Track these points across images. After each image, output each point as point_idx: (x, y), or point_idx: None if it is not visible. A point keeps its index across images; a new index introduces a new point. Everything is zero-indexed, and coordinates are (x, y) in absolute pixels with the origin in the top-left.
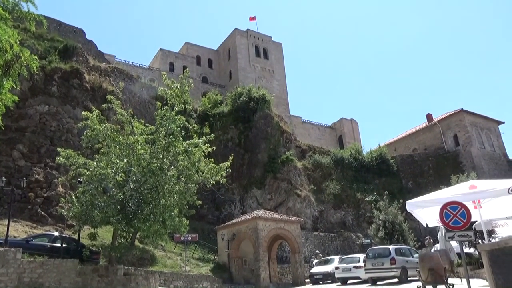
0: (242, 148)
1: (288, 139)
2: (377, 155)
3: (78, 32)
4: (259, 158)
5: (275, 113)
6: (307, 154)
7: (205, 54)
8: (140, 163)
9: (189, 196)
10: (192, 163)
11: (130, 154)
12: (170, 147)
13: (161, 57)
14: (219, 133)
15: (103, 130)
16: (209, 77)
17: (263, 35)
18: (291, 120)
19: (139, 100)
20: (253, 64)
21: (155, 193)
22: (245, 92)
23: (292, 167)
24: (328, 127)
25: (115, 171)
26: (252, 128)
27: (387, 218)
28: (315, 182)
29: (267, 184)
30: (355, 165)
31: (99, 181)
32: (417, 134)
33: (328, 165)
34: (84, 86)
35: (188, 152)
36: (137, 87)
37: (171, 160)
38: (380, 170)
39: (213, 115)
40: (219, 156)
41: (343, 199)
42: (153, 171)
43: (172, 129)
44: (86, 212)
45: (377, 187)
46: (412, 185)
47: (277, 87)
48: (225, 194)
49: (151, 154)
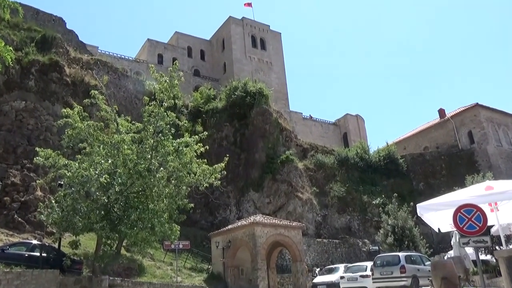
0: (238, 147)
1: (288, 137)
2: (385, 154)
3: (58, 21)
4: (257, 158)
5: (273, 109)
6: (308, 154)
7: (196, 44)
8: (126, 164)
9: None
10: (183, 164)
11: (115, 154)
12: (159, 147)
13: (149, 48)
14: (212, 131)
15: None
16: (201, 69)
17: (260, 23)
18: (291, 116)
19: (125, 95)
20: (249, 55)
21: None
22: (240, 86)
23: (292, 168)
24: (332, 124)
25: (98, 172)
26: (249, 126)
27: (397, 223)
28: (317, 184)
29: (266, 186)
30: (361, 165)
31: (81, 184)
32: (429, 131)
33: (331, 166)
34: (64, 80)
35: (179, 152)
36: (122, 81)
37: (160, 160)
38: (388, 171)
39: (206, 111)
40: (212, 156)
41: (348, 203)
42: (141, 172)
43: (161, 126)
44: (67, 218)
45: (385, 189)
46: (424, 187)
47: (275, 81)
48: (220, 198)
49: (138, 154)
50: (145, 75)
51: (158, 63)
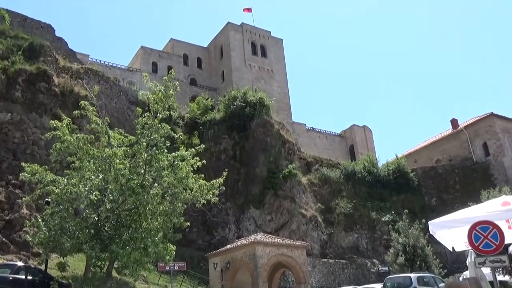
0: (237, 161)
1: (290, 150)
2: (395, 168)
3: (46, 28)
4: (257, 172)
5: (275, 120)
6: (313, 167)
7: (193, 52)
8: (118, 179)
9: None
10: (179, 180)
11: (107, 170)
12: (153, 161)
13: (142, 56)
14: (210, 144)
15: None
16: (198, 78)
17: (260, 29)
18: (294, 128)
19: (117, 106)
20: (249, 63)
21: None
22: (240, 95)
23: (295, 183)
24: (337, 136)
25: (88, 189)
26: (249, 138)
27: (408, 242)
28: (322, 200)
29: (267, 203)
30: (369, 179)
31: (70, 201)
32: (441, 142)
33: (337, 180)
34: (52, 91)
35: (174, 167)
36: (114, 91)
37: (154, 176)
38: (398, 185)
39: (203, 122)
40: (210, 171)
41: (356, 220)
42: (133, 189)
43: (155, 139)
44: (55, 238)
45: (395, 205)
46: (436, 202)
47: (277, 90)
48: (218, 215)
49: (130, 169)
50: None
51: (152, 72)
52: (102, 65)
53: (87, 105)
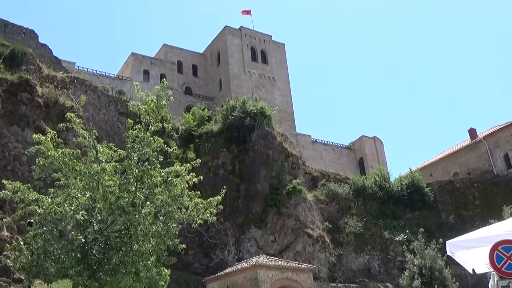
0: (237, 176)
1: (294, 164)
2: (409, 182)
3: (29, 34)
4: (259, 189)
5: (277, 131)
6: (319, 183)
7: (188, 58)
8: (107, 198)
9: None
10: (173, 197)
11: (94, 187)
12: (144, 177)
13: (133, 64)
14: (207, 158)
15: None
16: (193, 87)
17: (260, 33)
18: (298, 139)
19: (106, 118)
20: (248, 70)
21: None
22: (239, 105)
23: (300, 200)
24: (345, 148)
25: (74, 208)
26: (249, 151)
27: (424, 263)
28: (330, 218)
29: (269, 222)
30: (381, 195)
31: (54, 221)
32: (458, 154)
33: (346, 196)
34: (35, 102)
35: (168, 183)
36: (103, 102)
37: (146, 193)
38: (412, 202)
39: (199, 135)
40: (207, 188)
41: (367, 240)
42: (123, 208)
43: (147, 154)
44: (38, 262)
45: (409, 223)
46: (454, 220)
47: (279, 99)
48: (216, 236)
49: (120, 186)
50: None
51: (143, 80)
52: (90, 73)
53: (73, 117)
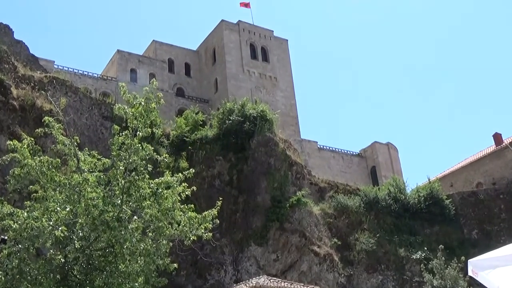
0: (235, 188)
1: (299, 174)
2: (427, 194)
3: (3, 30)
4: (259, 201)
5: (280, 137)
6: (326, 194)
7: (180, 56)
8: (90, 212)
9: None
10: (164, 211)
11: (76, 200)
12: (131, 189)
13: (119, 62)
14: (201, 168)
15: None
16: (186, 88)
17: (261, 28)
18: (303, 146)
19: (88, 122)
20: (247, 69)
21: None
22: (237, 108)
23: (305, 213)
24: (356, 156)
25: (53, 224)
26: (248, 160)
27: (444, 284)
28: (339, 234)
29: (271, 238)
30: (396, 208)
31: (31, 238)
32: (482, 162)
33: (357, 210)
34: (10, 105)
35: (158, 196)
36: (85, 105)
37: (134, 207)
38: (431, 215)
39: (193, 141)
40: (201, 200)
41: (380, 258)
42: (108, 223)
43: (134, 163)
44: (13, 284)
45: (428, 240)
46: (478, 235)
47: (282, 101)
48: (211, 255)
49: (104, 199)
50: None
51: (131, 81)
52: (71, 73)
53: (52, 122)
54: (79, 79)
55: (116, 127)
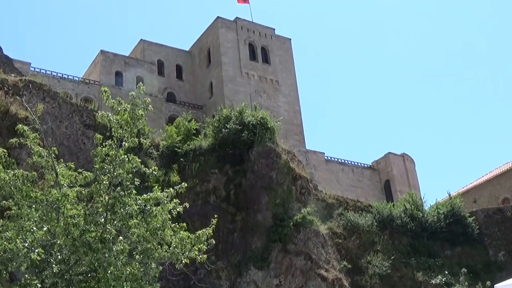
0: (232, 204)
1: (304, 189)
2: (447, 211)
3: None
4: (259, 219)
5: (282, 147)
6: (335, 212)
7: (171, 57)
8: (69, 232)
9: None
10: (152, 231)
11: (54, 218)
12: (116, 206)
13: (103, 64)
14: (194, 182)
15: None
16: (177, 93)
17: (261, 26)
18: (309, 158)
19: (68, 131)
20: (246, 71)
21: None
22: (234, 115)
23: (312, 233)
24: (368, 168)
25: (29, 245)
26: (247, 173)
27: None
28: (349, 257)
29: (273, 261)
30: (413, 227)
31: (3, 262)
32: (508, 175)
33: (369, 229)
34: None
35: (146, 214)
36: (64, 112)
37: (119, 226)
38: (452, 235)
39: (185, 153)
40: (195, 218)
41: (396, 283)
42: (90, 244)
43: (120, 177)
44: None
45: (449, 262)
46: (505, 258)
47: (285, 107)
48: (206, 279)
49: (86, 217)
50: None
51: (116, 85)
52: (49, 76)
53: (28, 131)
54: (58, 83)
55: (98, 137)
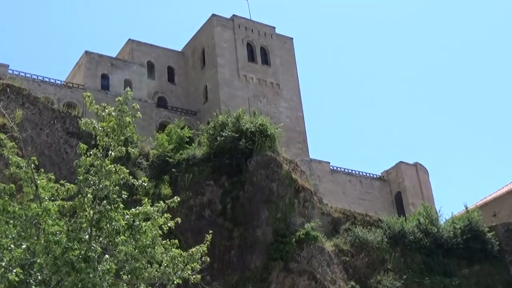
0: (229, 219)
1: (308, 202)
2: (464, 226)
3: None
4: (259, 235)
5: (284, 156)
6: (341, 227)
7: (162, 58)
8: (51, 249)
9: None
10: (141, 249)
11: (33, 235)
12: (102, 221)
13: (87, 66)
14: (188, 195)
15: None
16: (169, 97)
17: (260, 24)
18: (313, 168)
19: (50, 140)
20: (244, 74)
21: None
22: (231, 122)
23: (316, 250)
24: (377, 179)
25: (6, 264)
26: (245, 185)
27: None
28: (357, 276)
29: (274, 281)
30: (427, 243)
31: None
32: None
33: (379, 245)
34: None
35: (134, 230)
36: (45, 118)
37: (105, 243)
38: (470, 252)
39: (178, 163)
40: (188, 235)
41: None
42: (73, 263)
43: (106, 189)
44: None
45: (467, 282)
46: None
47: (286, 113)
48: None
49: (69, 233)
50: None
51: (101, 89)
52: (28, 79)
53: (5, 139)
54: (38, 87)
55: (82, 146)
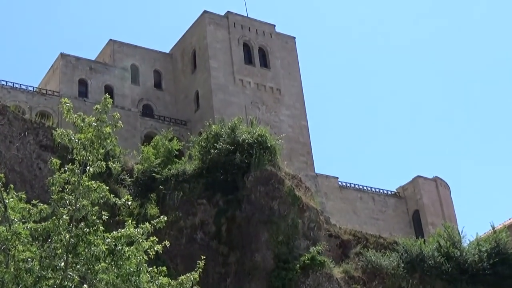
0: (224, 242)
1: (313, 222)
2: (491, 248)
3: None
4: (258, 261)
5: (286, 171)
6: (352, 251)
7: (148, 61)
8: (22, 278)
9: None
10: (125, 277)
11: (2, 262)
12: (80, 246)
13: (63, 70)
14: (177, 215)
15: None
16: (156, 105)
17: (258, 22)
18: (319, 184)
19: (20, 154)
20: (240, 78)
21: None
22: (226, 132)
23: (323, 278)
24: (392, 196)
25: None
26: (242, 203)
27: None
28: None
29: None
30: (449, 268)
31: None
32: None
33: (394, 271)
34: None
35: (116, 255)
36: (16, 129)
37: (83, 271)
38: (497, 278)
39: (166, 179)
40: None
41: None
42: None
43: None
44: None
45: None
46: None
47: (288, 122)
48: None
49: (42, 260)
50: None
51: (79, 96)
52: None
53: None
54: (8, 94)
55: (55, 161)
